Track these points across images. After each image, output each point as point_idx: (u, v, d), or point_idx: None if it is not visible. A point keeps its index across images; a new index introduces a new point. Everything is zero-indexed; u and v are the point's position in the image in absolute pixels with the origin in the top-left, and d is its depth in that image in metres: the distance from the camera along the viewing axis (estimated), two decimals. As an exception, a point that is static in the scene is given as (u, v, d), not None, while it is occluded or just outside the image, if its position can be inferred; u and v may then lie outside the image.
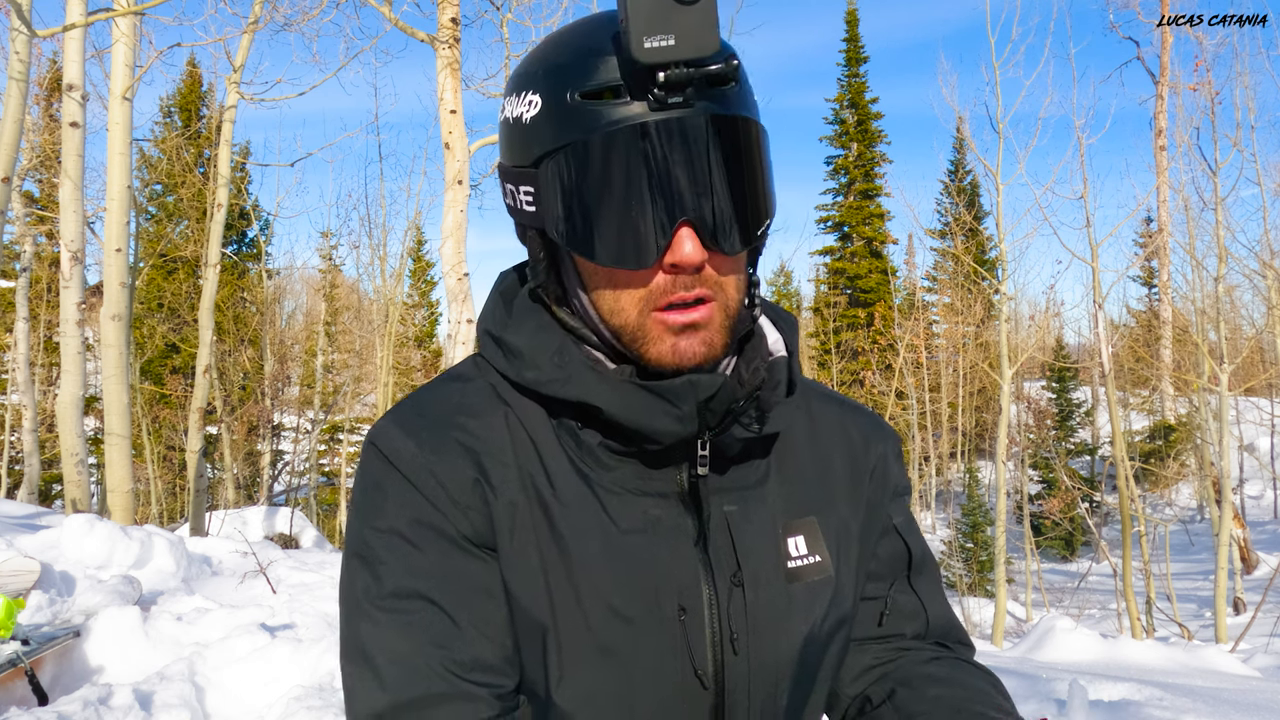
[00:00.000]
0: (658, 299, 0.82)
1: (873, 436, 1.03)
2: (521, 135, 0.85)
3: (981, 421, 27.31)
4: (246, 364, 21.73)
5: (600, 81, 0.80)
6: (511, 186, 0.88)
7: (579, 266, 0.87)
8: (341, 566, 0.88)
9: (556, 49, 0.85)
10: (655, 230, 0.79)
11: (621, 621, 0.84)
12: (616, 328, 0.85)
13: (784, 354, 0.93)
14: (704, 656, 0.85)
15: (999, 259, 14.30)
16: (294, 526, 11.68)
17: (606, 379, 0.85)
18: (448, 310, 8.61)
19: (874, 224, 27.68)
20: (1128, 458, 13.68)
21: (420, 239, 24.91)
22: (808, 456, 0.97)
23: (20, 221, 15.50)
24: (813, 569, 0.91)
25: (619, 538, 0.85)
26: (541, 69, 0.84)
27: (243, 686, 4.40)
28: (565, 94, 0.81)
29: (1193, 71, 15.32)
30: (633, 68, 0.78)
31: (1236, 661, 6.62)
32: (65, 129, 9.40)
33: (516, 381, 0.89)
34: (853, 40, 27.86)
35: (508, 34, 9.92)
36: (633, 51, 0.75)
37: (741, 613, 0.86)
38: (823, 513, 0.95)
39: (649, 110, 0.79)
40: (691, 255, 0.79)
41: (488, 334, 0.93)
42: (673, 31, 0.75)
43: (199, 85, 24.12)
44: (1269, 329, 15.59)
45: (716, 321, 0.84)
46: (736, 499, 0.90)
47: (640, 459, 0.87)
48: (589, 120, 0.80)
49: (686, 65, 0.77)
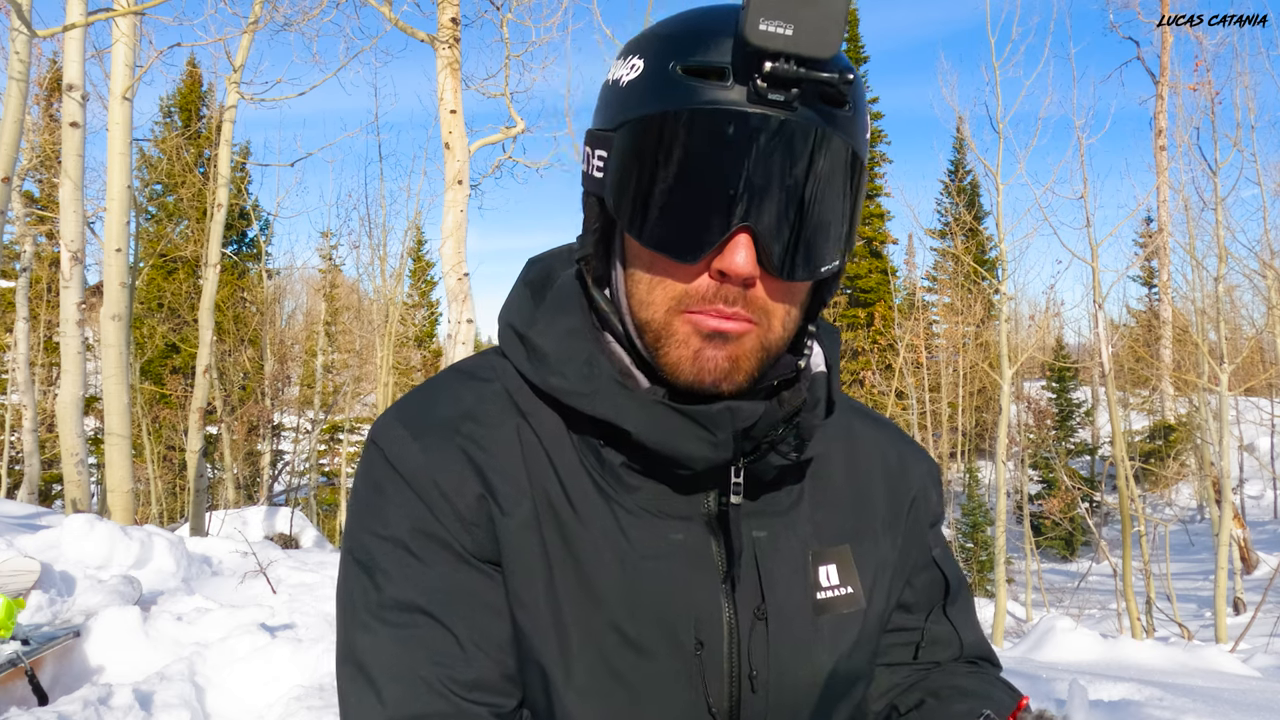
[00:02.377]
0: (692, 304, 0.76)
1: (913, 463, 0.98)
2: (615, 98, 0.79)
3: (981, 421, 27.31)
4: (246, 364, 21.73)
5: (705, 59, 0.74)
6: (589, 149, 0.82)
7: (626, 247, 0.81)
8: (340, 568, 0.85)
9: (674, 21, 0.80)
10: (711, 226, 0.73)
11: (632, 650, 0.79)
12: (642, 322, 0.79)
13: (823, 369, 0.87)
14: (720, 693, 0.80)
15: (999, 259, 14.29)
16: (294, 526, 11.68)
17: (637, 398, 0.79)
18: (448, 310, 8.61)
19: (874, 224, 27.67)
20: (1128, 458, 13.67)
21: (420, 239, 24.91)
22: (844, 481, 0.92)
23: (20, 221, 15.50)
24: (844, 600, 0.86)
25: (637, 562, 0.80)
26: (655, 36, 0.79)
27: (243, 686, 4.40)
28: (668, 63, 0.76)
29: (1193, 71, 15.35)
30: (743, 51, 0.72)
31: (1236, 661, 6.62)
32: (65, 129, 9.39)
33: (538, 386, 0.83)
34: (853, 40, 27.85)
35: (508, 34, 9.92)
36: (746, 31, 0.70)
37: (763, 648, 0.81)
38: (858, 541, 0.90)
39: (746, 100, 0.73)
40: (742, 266, 0.73)
41: (511, 329, 0.87)
42: (793, 21, 0.70)
43: (199, 85, 24.12)
44: (1269, 329, 15.59)
45: (749, 346, 0.77)
46: (765, 524, 0.84)
47: (667, 481, 0.82)
48: (683, 94, 0.74)
49: (799, 62, 0.71)
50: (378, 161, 38.41)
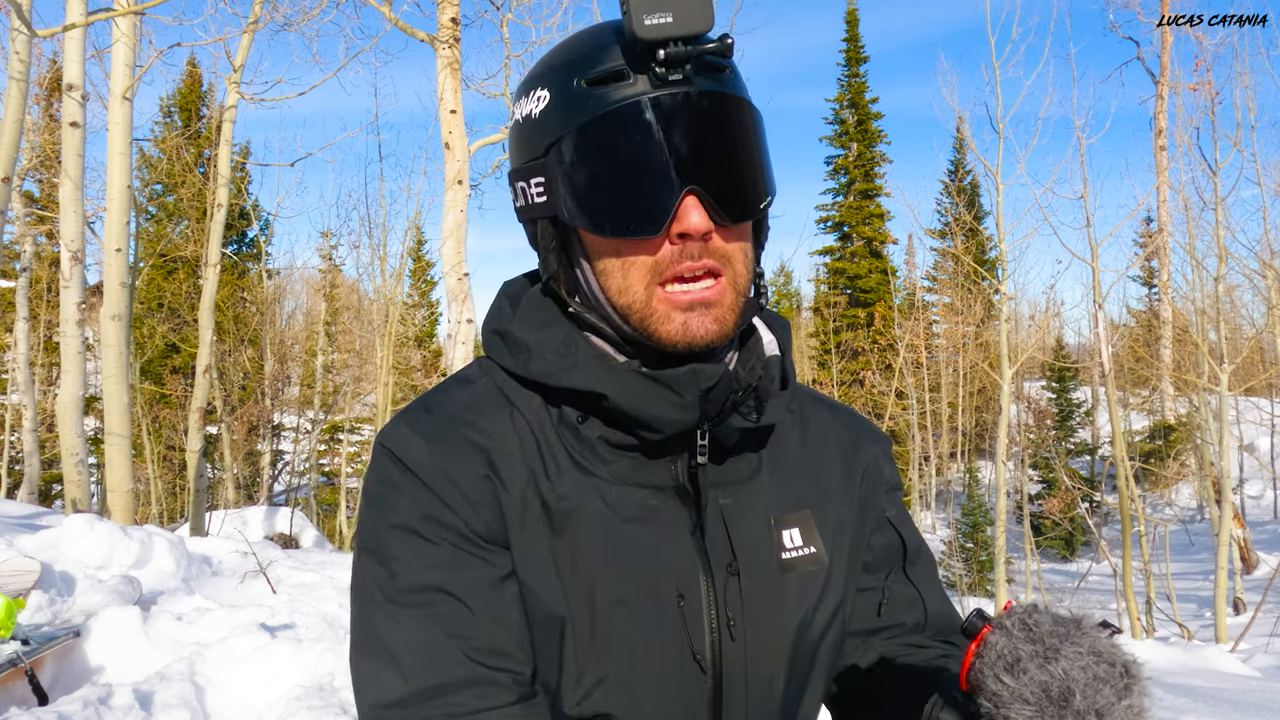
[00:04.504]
0: (665, 270, 0.84)
1: (864, 439, 1.06)
2: (533, 130, 0.88)
3: (981, 421, 27.31)
4: (246, 364, 21.72)
5: (604, 67, 0.84)
6: (523, 184, 0.90)
7: (588, 249, 0.88)
8: (353, 565, 0.90)
9: (562, 50, 0.90)
10: (662, 199, 0.82)
11: (623, 608, 0.85)
12: (625, 307, 0.86)
13: (778, 353, 0.96)
14: (702, 642, 0.87)
15: (999, 259, 14.30)
16: (294, 526, 11.68)
17: (613, 369, 0.87)
18: (448, 310, 8.61)
19: (874, 224, 27.66)
20: (1128, 458, 13.67)
21: (420, 239, 24.88)
22: (800, 455, 1.00)
23: (20, 221, 15.50)
24: (807, 560, 0.94)
25: (619, 527, 0.87)
26: (549, 67, 0.89)
27: (243, 686, 4.40)
28: (572, 82, 0.85)
29: (1193, 71, 15.33)
30: (634, 48, 0.83)
31: (1236, 661, 6.62)
32: (65, 129, 9.39)
33: (522, 375, 0.90)
34: (853, 40, 27.85)
35: (508, 34, 9.92)
36: (634, 28, 0.80)
37: (738, 600, 0.88)
38: (817, 507, 0.97)
39: (651, 87, 0.83)
40: (698, 224, 0.82)
41: (493, 332, 0.95)
42: (670, 9, 0.80)
43: (199, 85, 24.11)
44: (1269, 329, 15.59)
45: (727, 299, 0.86)
46: (730, 493, 0.92)
47: (640, 451, 0.89)
48: (595, 102, 0.84)
49: (684, 42, 0.81)
50: (378, 161, 38.46)
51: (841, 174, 28.15)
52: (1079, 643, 0.72)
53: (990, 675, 0.73)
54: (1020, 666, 0.72)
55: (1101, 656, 0.72)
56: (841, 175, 28.17)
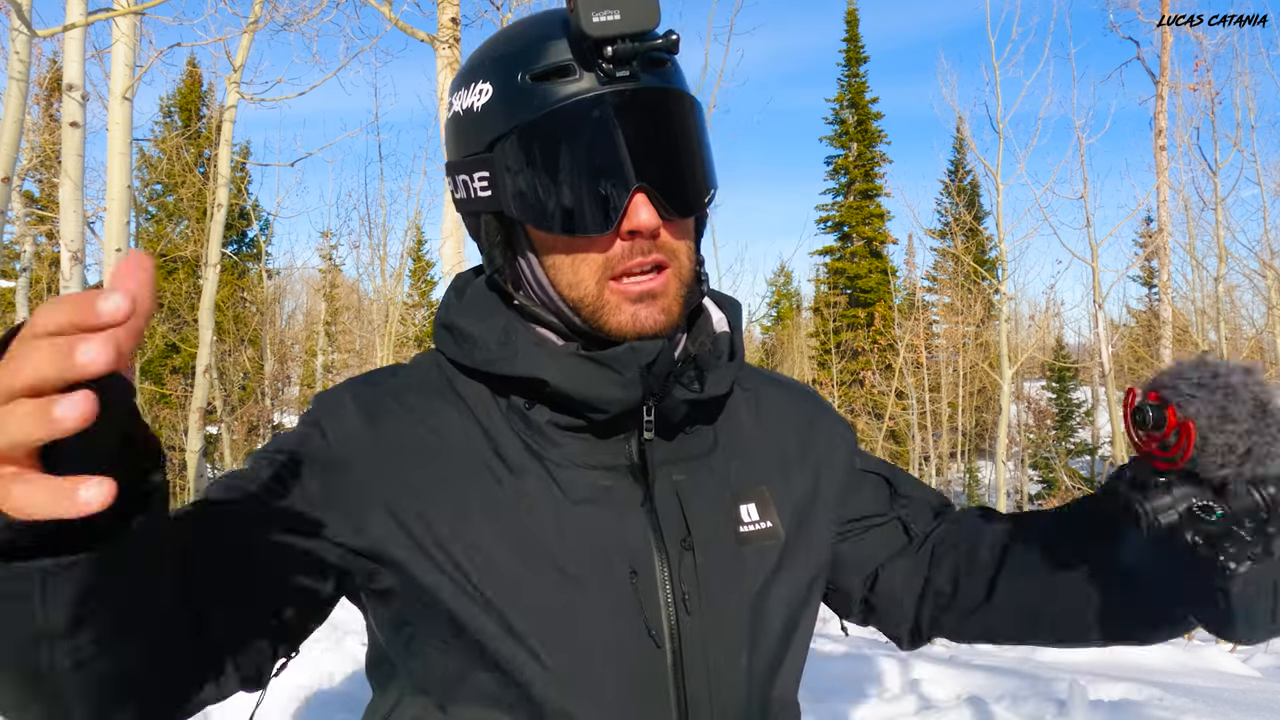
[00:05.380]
0: (615, 266, 0.85)
1: (819, 416, 1.08)
2: (474, 123, 0.88)
3: (981, 421, 27.31)
4: (246, 364, 21.74)
5: (550, 62, 0.84)
6: (464, 178, 0.90)
7: (535, 244, 0.89)
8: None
9: (503, 41, 0.89)
10: (612, 197, 0.82)
11: (574, 584, 0.85)
12: (575, 300, 0.87)
13: (727, 329, 0.97)
14: (657, 617, 0.86)
15: (999, 259, 14.30)
16: (294, 526, 11.68)
17: (553, 354, 0.88)
18: (448, 310, 8.61)
19: (874, 224, 27.68)
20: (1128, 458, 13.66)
21: (420, 239, 24.93)
22: (755, 432, 1.01)
23: (20, 221, 15.51)
24: (763, 534, 0.94)
25: (570, 508, 0.87)
26: (489, 59, 0.88)
27: (243, 686, 4.40)
28: (516, 76, 0.85)
29: (1193, 71, 15.31)
30: (582, 44, 0.82)
31: (1236, 661, 6.62)
32: (65, 129, 9.38)
33: (466, 365, 0.91)
34: (853, 40, 27.86)
35: (508, 34, 9.92)
36: (583, 25, 0.79)
37: (693, 574, 0.88)
38: (773, 483, 0.98)
39: (598, 84, 0.83)
40: (647, 221, 0.83)
41: (439, 323, 0.96)
42: (618, 6, 0.80)
43: (199, 85, 24.11)
44: (1269, 329, 15.59)
45: (673, 290, 0.88)
46: (685, 469, 0.92)
47: (590, 432, 0.89)
48: (541, 98, 0.83)
49: (632, 39, 0.81)
50: (378, 161, 38.36)
51: (841, 174, 28.18)
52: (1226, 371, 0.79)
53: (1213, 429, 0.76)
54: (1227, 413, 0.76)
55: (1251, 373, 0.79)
56: (841, 175, 28.19)
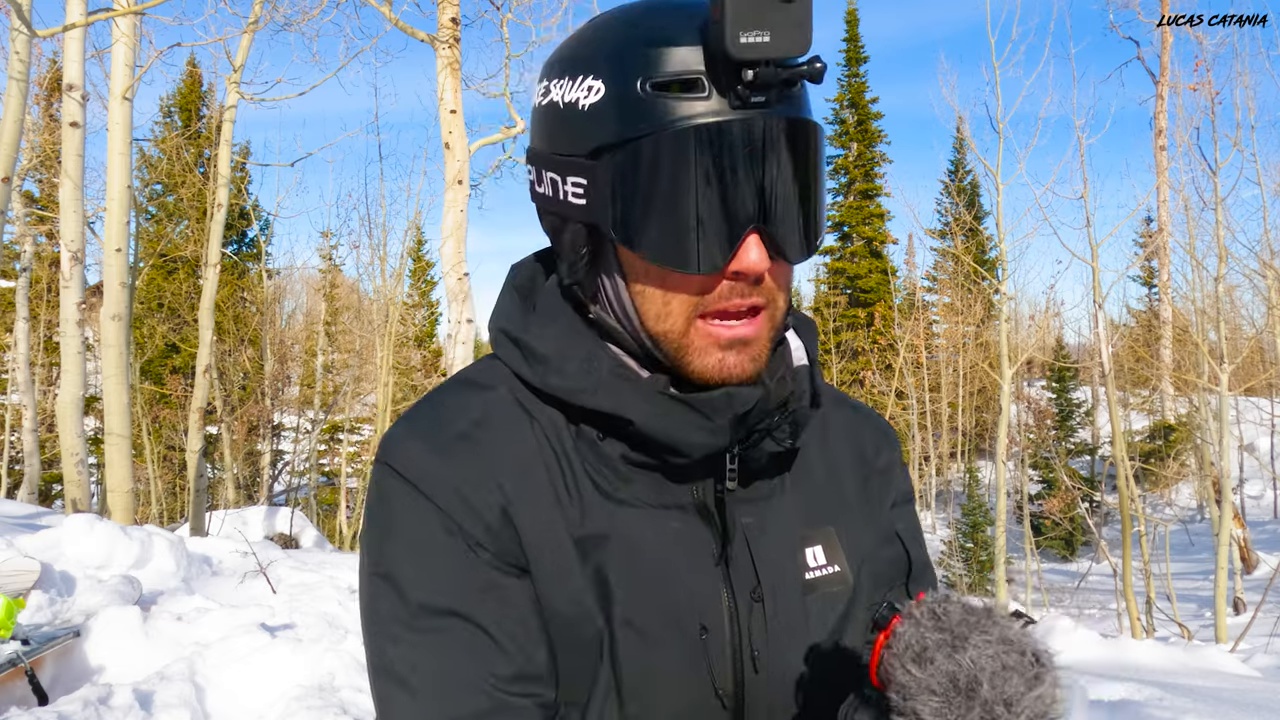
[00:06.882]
0: (710, 305, 0.78)
1: (882, 444, 1.01)
2: (578, 123, 0.79)
3: (981, 421, 27.30)
4: (246, 364, 21.72)
5: (675, 72, 0.75)
6: (554, 176, 0.81)
7: (625, 267, 0.81)
8: (361, 589, 0.84)
9: (621, 31, 0.79)
10: (726, 236, 0.75)
11: (642, 640, 0.81)
12: (659, 334, 0.80)
13: (805, 362, 0.89)
14: (725, 675, 0.82)
15: (999, 259, 14.30)
16: (294, 526, 11.67)
17: (639, 389, 0.81)
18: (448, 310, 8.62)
19: (874, 224, 27.67)
20: (1128, 458, 13.67)
21: (420, 239, 24.86)
22: (820, 465, 0.94)
23: (20, 221, 15.50)
24: (831, 579, 0.89)
25: (640, 554, 0.82)
26: (603, 53, 0.78)
27: (243, 686, 4.40)
28: (635, 83, 0.76)
29: (1193, 71, 15.32)
30: (720, 62, 0.74)
31: (1236, 661, 6.62)
32: (65, 129, 9.39)
33: (538, 388, 0.84)
34: (853, 40, 27.86)
35: (508, 34, 9.93)
36: (727, 46, 0.71)
37: (762, 629, 0.84)
38: (839, 522, 0.92)
39: (729, 108, 0.74)
40: (757, 263, 0.76)
41: (505, 334, 0.87)
42: (769, 28, 0.72)
43: (199, 85, 24.11)
44: (1269, 329, 15.58)
45: (764, 336, 0.81)
46: (752, 511, 0.86)
47: (662, 472, 0.83)
48: (662, 113, 0.75)
49: (778, 65, 0.73)
50: (378, 161, 38.29)
51: (841, 174, 28.17)
52: (988, 631, 0.69)
53: (898, 666, 0.70)
54: (927, 656, 0.69)
55: (1012, 645, 0.69)
56: (841, 175, 28.18)
